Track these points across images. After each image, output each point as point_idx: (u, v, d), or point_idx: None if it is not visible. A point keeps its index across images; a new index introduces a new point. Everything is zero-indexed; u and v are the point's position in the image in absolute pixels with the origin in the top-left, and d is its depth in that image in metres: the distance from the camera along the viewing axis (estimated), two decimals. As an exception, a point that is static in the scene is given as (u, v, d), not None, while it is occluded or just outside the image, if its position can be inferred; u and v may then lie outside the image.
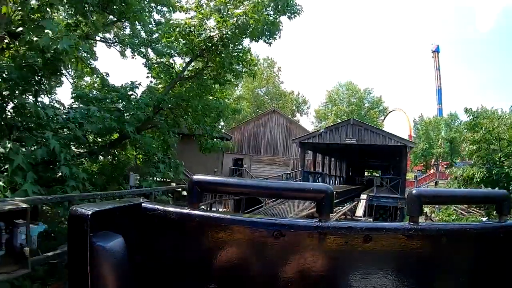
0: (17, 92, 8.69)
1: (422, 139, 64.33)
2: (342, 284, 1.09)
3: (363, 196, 23.70)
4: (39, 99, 9.46)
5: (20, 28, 7.85)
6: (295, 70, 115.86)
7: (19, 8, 7.80)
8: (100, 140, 12.08)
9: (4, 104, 8.60)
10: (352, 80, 78.87)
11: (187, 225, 1.10)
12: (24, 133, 8.16)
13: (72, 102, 11.44)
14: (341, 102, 69.07)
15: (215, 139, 15.75)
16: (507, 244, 1.14)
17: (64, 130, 9.29)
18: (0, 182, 6.80)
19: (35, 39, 7.24)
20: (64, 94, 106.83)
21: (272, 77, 64.38)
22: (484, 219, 16.10)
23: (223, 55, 12.93)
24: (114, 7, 11.07)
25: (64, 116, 9.28)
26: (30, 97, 9.33)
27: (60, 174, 8.29)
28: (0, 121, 8.15)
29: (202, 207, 1.15)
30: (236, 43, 13.54)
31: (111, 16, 12.32)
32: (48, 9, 8.39)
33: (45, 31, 7.21)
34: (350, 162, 46.28)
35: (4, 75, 8.49)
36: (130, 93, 11.87)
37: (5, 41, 8.52)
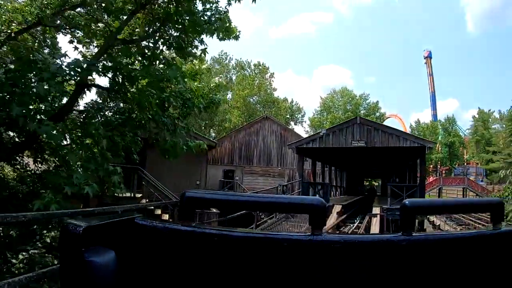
0: None
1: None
2: None
3: (376, 210, 19.18)
4: None
5: None
6: (288, 79, 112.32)
7: None
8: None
9: None
10: (347, 86, 75.08)
11: (180, 240, 1.09)
12: None
13: None
14: (336, 109, 65.37)
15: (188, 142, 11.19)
16: (502, 250, 1.12)
17: None
18: None
19: None
20: None
21: (264, 84, 59.92)
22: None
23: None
24: None
25: None
26: None
27: None
28: None
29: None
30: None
31: None
32: None
33: None
34: (350, 171, 41.66)
35: None
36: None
37: None
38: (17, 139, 8.87)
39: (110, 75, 8.31)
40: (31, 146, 8.55)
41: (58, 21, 10.48)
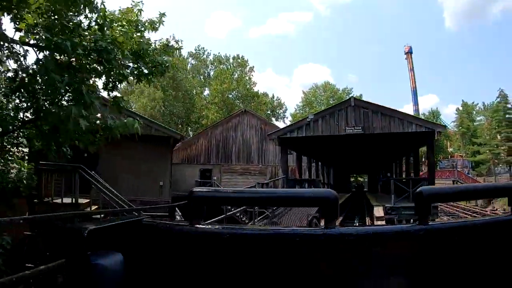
0: None
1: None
2: None
3: (379, 210, 15.27)
4: None
5: None
6: (269, 78, 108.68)
7: None
8: None
9: None
10: (329, 81, 71.43)
11: (188, 240, 1.06)
12: None
13: None
14: (318, 104, 61.70)
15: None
16: None
17: None
18: None
19: None
20: None
21: (243, 79, 55.63)
22: None
23: None
24: None
25: None
26: None
27: None
28: None
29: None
30: None
31: None
32: None
33: None
34: (338, 166, 37.66)
35: None
36: None
37: None
38: None
39: None
40: None
41: None
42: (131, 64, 9.66)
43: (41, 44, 6.50)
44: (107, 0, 7.06)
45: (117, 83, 9.30)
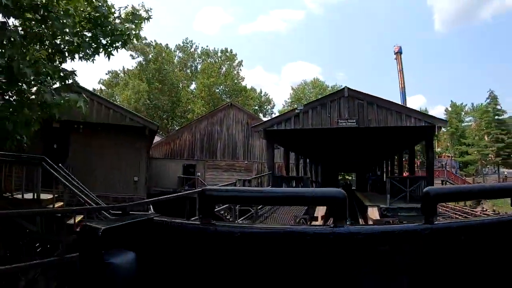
0: None
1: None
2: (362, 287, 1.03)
3: (373, 211, 13.75)
4: None
5: None
6: (258, 75, 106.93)
7: None
8: None
9: None
10: (319, 77, 69.98)
11: (200, 238, 1.07)
12: None
13: None
14: (307, 100, 59.77)
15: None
16: None
17: None
18: None
19: None
20: None
21: (231, 73, 53.76)
22: None
23: None
24: None
25: None
26: None
27: None
28: None
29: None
30: None
31: None
32: None
33: None
34: (326, 163, 36.13)
35: None
36: None
37: None
38: None
39: None
40: None
41: None
42: (87, 33, 8.01)
43: None
44: None
45: (68, 54, 7.57)
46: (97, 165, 18.44)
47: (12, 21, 6.10)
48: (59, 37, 6.86)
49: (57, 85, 7.46)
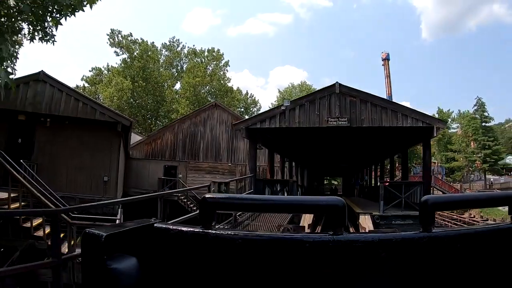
0: None
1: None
2: None
3: (365, 220, 12.40)
4: None
5: None
6: (245, 79, 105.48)
7: None
8: None
9: None
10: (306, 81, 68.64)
11: (200, 244, 1.07)
12: None
13: None
14: (294, 103, 58.64)
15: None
16: None
17: None
18: None
19: None
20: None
21: (217, 73, 52.02)
22: None
23: None
24: None
25: None
26: None
27: None
28: None
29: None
30: None
31: None
32: None
33: None
34: (313, 167, 34.64)
35: None
36: None
37: None
38: None
39: None
40: None
41: None
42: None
43: None
44: None
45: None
46: (64, 163, 16.68)
47: None
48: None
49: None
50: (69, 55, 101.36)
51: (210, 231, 1.06)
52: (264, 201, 1.18)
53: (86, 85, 54.24)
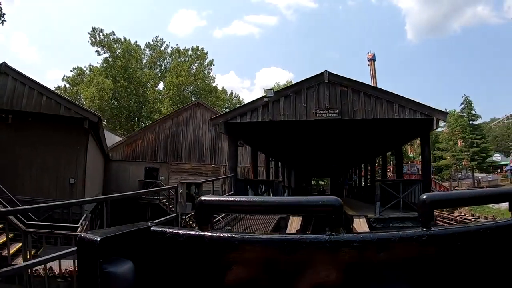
0: None
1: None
2: None
3: (360, 223, 10.96)
4: None
5: None
6: (231, 81, 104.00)
7: None
8: None
9: None
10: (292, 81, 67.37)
11: (197, 247, 1.06)
12: None
13: None
14: (281, 103, 57.37)
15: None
16: None
17: None
18: None
19: None
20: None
21: (201, 72, 50.20)
22: None
23: None
24: None
25: None
26: None
27: None
28: None
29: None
30: None
31: None
32: None
33: None
34: (300, 166, 33.10)
35: None
36: None
37: None
38: None
39: None
40: None
41: None
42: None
43: None
44: None
45: None
46: (27, 164, 14.81)
47: None
48: None
49: None
50: (51, 56, 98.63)
51: (206, 233, 1.04)
52: (262, 203, 1.15)
53: (67, 85, 52.06)
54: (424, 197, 1.05)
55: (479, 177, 50.54)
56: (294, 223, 10.83)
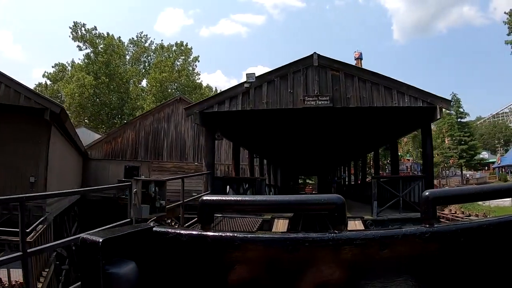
0: None
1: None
2: None
3: (357, 225, 9.45)
4: None
5: None
6: (218, 80, 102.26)
7: None
8: None
9: None
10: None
11: (199, 247, 1.03)
12: None
13: None
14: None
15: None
16: None
17: None
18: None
19: None
20: None
21: (186, 68, 48.32)
22: None
23: None
24: None
25: None
26: None
27: None
28: None
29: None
30: None
31: None
32: None
33: None
34: (287, 163, 31.54)
35: None
36: None
37: None
38: None
39: None
40: None
41: None
42: None
43: None
44: None
45: None
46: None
47: None
48: None
49: None
50: (38, 55, 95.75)
51: (209, 233, 1.03)
52: (264, 201, 1.13)
53: (49, 82, 49.80)
54: (427, 193, 1.03)
55: (467, 175, 49.90)
56: (280, 226, 9.28)
